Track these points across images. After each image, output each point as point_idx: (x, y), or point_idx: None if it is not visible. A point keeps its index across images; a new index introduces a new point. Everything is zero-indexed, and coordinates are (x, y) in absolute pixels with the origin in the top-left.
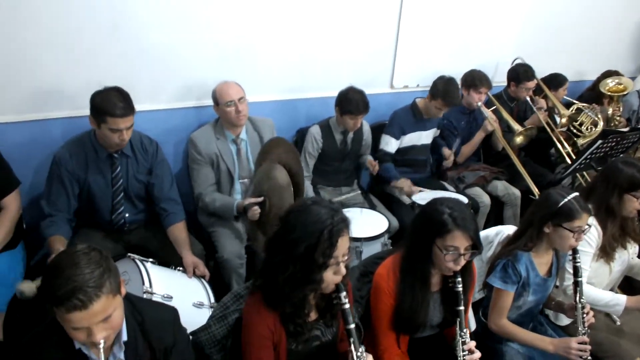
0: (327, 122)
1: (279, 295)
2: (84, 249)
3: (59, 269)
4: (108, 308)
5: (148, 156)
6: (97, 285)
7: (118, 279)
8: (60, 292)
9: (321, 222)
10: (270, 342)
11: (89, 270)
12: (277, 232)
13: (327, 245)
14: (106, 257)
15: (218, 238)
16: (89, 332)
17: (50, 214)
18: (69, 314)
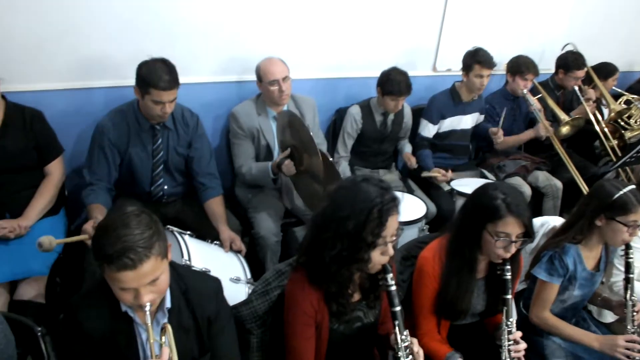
0: (368, 103)
1: (324, 273)
2: (134, 211)
3: (111, 228)
4: (156, 270)
5: (189, 129)
6: (147, 246)
7: (166, 243)
8: (111, 251)
9: (370, 201)
10: (313, 320)
11: (139, 231)
12: (325, 209)
13: (376, 224)
14: (155, 220)
15: (255, 214)
16: (136, 293)
17: (92, 183)
18: (119, 272)
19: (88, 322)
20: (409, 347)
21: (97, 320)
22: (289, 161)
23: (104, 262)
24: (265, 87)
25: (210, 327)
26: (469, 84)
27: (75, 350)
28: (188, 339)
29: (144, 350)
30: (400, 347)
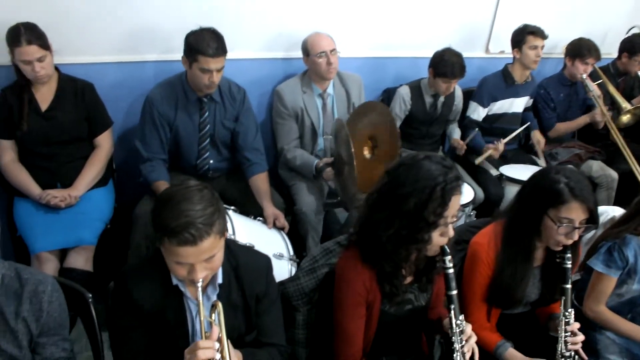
0: (418, 84)
1: (379, 253)
2: (197, 186)
3: (173, 201)
4: (214, 248)
5: (236, 103)
6: (208, 223)
7: (225, 221)
8: (173, 224)
9: (433, 179)
10: (364, 300)
11: (201, 207)
12: (384, 186)
13: (438, 203)
14: (217, 197)
15: (298, 192)
16: (191, 269)
17: (149, 158)
18: (178, 247)
19: (138, 293)
20: (464, 332)
21: (148, 292)
22: (331, 170)
23: (163, 235)
24: (313, 60)
25: (258, 305)
26: (523, 59)
27: (125, 320)
28: (236, 315)
29: (193, 325)
30: (455, 332)
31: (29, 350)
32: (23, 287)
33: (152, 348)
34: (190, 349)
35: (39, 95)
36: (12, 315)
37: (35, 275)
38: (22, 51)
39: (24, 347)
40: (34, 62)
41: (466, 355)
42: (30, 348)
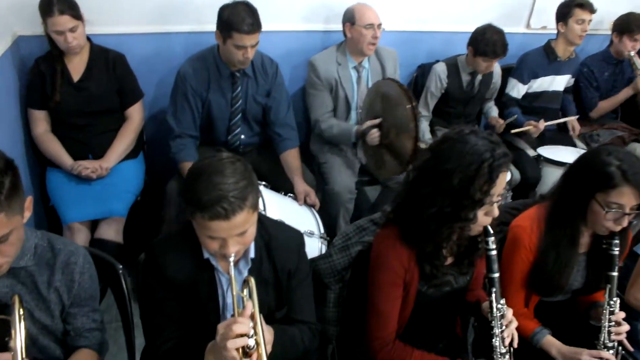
0: (455, 61)
1: (420, 232)
2: (229, 158)
3: (205, 174)
4: (246, 223)
5: (268, 78)
6: (241, 197)
7: (258, 195)
8: (205, 198)
9: (480, 154)
10: (402, 281)
11: (234, 180)
12: (426, 162)
13: (485, 180)
14: (250, 170)
15: (329, 170)
16: (223, 243)
17: (180, 135)
18: (210, 221)
19: (170, 266)
20: (504, 317)
21: (179, 265)
22: (377, 131)
23: (195, 209)
24: (358, 30)
25: (290, 280)
26: (568, 33)
27: (157, 293)
28: (267, 291)
29: (224, 299)
30: (495, 317)
31: (60, 320)
32: (56, 258)
33: (183, 321)
34: (225, 324)
35: (71, 66)
36: (44, 285)
37: (67, 246)
38: (55, 21)
39: (56, 316)
40: (66, 32)
41: (506, 340)
42: (61, 318)
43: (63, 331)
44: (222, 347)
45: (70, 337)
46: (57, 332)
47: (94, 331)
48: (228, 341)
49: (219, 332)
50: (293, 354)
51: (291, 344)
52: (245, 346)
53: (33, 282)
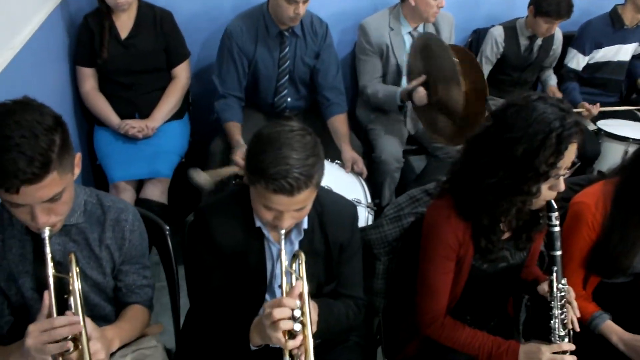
0: (513, 24)
1: (477, 204)
2: (300, 130)
3: (274, 144)
4: (307, 200)
5: (317, 39)
6: (307, 175)
7: (323, 172)
8: (271, 170)
9: (548, 123)
10: (455, 255)
11: (303, 156)
12: (488, 129)
13: (552, 151)
14: (319, 145)
15: (377, 137)
16: (279, 215)
17: (224, 95)
18: (273, 194)
19: (219, 232)
20: (565, 297)
21: (229, 231)
22: (423, 89)
23: (260, 177)
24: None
25: (341, 254)
26: None
27: (205, 258)
28: (316, 263)
29: (273, 269)
30: (555, 296)
31: (111, 277)
32: (106, 215)
33: (230, 289)
34: (272, 304)
35: (119, 23)
36: (96, 242)
37: (116, 204)
38: None
39: (107, 274)
40: None
41: (566, 323)
42: (112, 275)
43: (114, 288)
44: (268, 327)
45: (122, 294)
46: (108, 289)
47: (144, 288)
48: (274, 323)
49: (266, 310)
50: (337, 330)
51: (336, 321)
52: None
53: (85, 240)
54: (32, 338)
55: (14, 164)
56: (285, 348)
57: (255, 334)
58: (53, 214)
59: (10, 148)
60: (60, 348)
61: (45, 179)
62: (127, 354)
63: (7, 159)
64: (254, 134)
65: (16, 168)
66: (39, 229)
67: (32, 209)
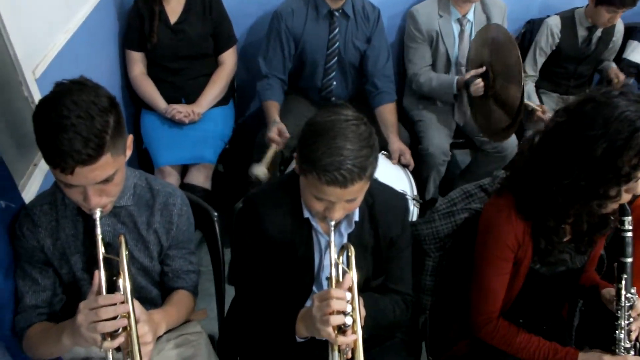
0: (571, 13)
1: (544, 204)
2: (355, 119)
3: (328, 134)
4: (360, 192)
5: (369, 23)
6: (361, 167)
7: (376, 164)
8: (325, 161)
9: (631, 122)
10: (513, 256)
11: (357, 147)
12: (560, 125)
13: (636, 152)
14: (374, 136)
15: (425, 129)
16: (330, 206)
17: (267, 75)
18: (326, 185)
19: (268, 221)
20: (633, 307)
21: (278, 221)
22: (481, 81)
23: (312, 168)
24: None
25: (391, 248)
26: None
27: (251, 247)
28: (365, 257)
29: (321, 261)
30: (623, 306)
31: (158, 261)
32: (154, 199)
33: (276, 279)
34: (322, 296)
35: (169, 8)
36: (144, 225)
37: (165, 187)
38: None
39: (155, 258)
40: None
41: (632, 334)
42: (159, 259)
43: (160, 272)
44: (318, 321)
45: (168, 278)
46: (155, 273)
47: (190, 273)
48: (324, 317)
49: (315, 303)
50: (383, 326)
51: (382, 316)
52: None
53: (133, 222)
54: (82, 315)
55: (70, 145)
56: (335, 343)
57: (302, 325)
58: (105, 195)
59: (66, 128)
60: (112, 327)
61: (99, 161)
62: (172, 338)
63: (64, 138)
64: (306, 122)
65: (72, 148)
66: (90, 210)
67: (85, 190)
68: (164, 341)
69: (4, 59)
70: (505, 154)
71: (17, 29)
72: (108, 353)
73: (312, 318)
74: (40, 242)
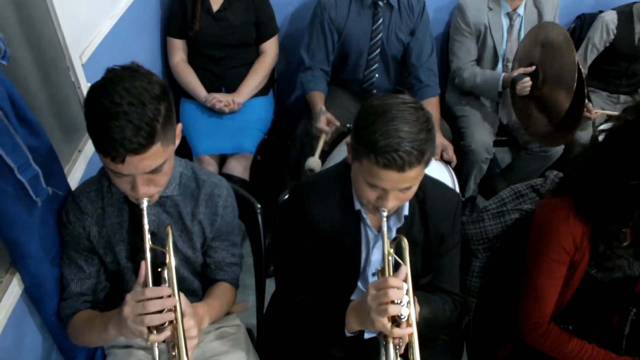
0: (629, 9)
1: (607, 206)
2: (414, 104)
3: (385, 115)
4: (415, 178)
5: (413, 15)
6: (420, 150)
7: (434, 150)
8: (383, 142)
9: None
10: (569, 259)
11: (415, 130)
12: (629, 124)
13: None
14: (432, 121)
15: (468, 125)
16: (383, 195)
17: (310, 67)
18: (382, 169)
19: (316, 213)
20: None
21: (326, 213)
22: (529, 80)
23: (368, 151)
24: None
25: (440, 246)
26: None
27: (297, 239)
28: (414, 253)
29: (368, 256)
30: None
31: (201, 253)
32: (200, 189)
33: (321, 273)
34: (378, 284)
35: None
36: (189, 216)
37: (211, 178)
38: None
39: (197, 249)
40: None
41: None
42: (202, 250)
43: (202, 263)
44: (373, 311)
45: (210, 270)
46: (197, 264)
47: (233, 266)
48: (381, 307)
49: (371, 292)
50: (433, 326)
51: (433, 316)
52: (397, 315)
53: (178, 212)
54: (129, 307)
55: (121, 133)
56: (390, 335)
57: (353, 318)
58: (153, 185)
59: (118, 115)
60: (159, 320)
61: (150, 150)
62: (211, 330)
63: (115, 126)
64: (362, 106)
65: (122, 137)
66: (137, 199)
67: (134, 179)
68: (204, 333)
69: (53, 43)
70: (551, 153)
71: (66, 13)
72: (154, 345)
73: (366, 308)
74: (87, 229)
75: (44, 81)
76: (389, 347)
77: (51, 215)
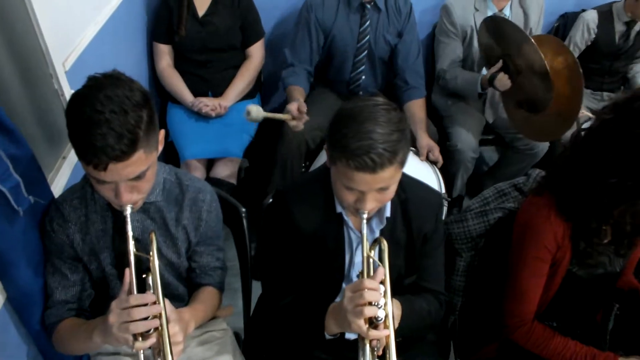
0: (609, 7)
1: (587, 205)
2: (385, 105)
3: (357, 118)
4: (391, 179)
5: (401, 17)
6: (392, 151)
7: (408, 150)
8: (354, 145)
9: None
10: (551, 257)
11: (387, 131)
12: (606, 123)
13: None
14: (405, 121)
15: (453, 125)
16: (361, 197)
17: (292, 64)
18: (355, 171)
19: (299, 216)
20: None
21: (309, 216)
22: (503, 74)
23: (340, 155)
24: None
25: (424, 245)
26: None
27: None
28: (397, 254)
29: (351, 258)
30: None
31: (185, 257)
32: (184, 194)
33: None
34: (354, 287)
35: (197, 0)
36: (173, 221)
37: (195, 183)
38: None
39: (182, 254)
40: None
41: None
42: (186, 256)
43: (187, 268)
44: (349, 313)
45: (195, 275)
46: (182, 269)
47: (217, 270)
48: (357, 309)
49: (347, 294)
50: (419, 328)
51: (418, 318)
52: (374, 317)
53: (162, 218)
54: (114, 314)
55: (104, 140)
56: (367, 337)
57: (331, 320)
58: (136, 192)
59: (100, 123)
60: (144, 327)
61: (133, 157)
62: (196, 335)
63: (97, 134)
64: (336, 111)
65: (105, 144)
66: (121, 206)
67: (117, 186)
68: (189, 338)
69: (35, 51)
70: (537, 151)
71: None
72: (140, 353)
73: (343, 310)
74: (70, 237)
75: (26, 89)
76: (365, 349)
77: (34, 224)
